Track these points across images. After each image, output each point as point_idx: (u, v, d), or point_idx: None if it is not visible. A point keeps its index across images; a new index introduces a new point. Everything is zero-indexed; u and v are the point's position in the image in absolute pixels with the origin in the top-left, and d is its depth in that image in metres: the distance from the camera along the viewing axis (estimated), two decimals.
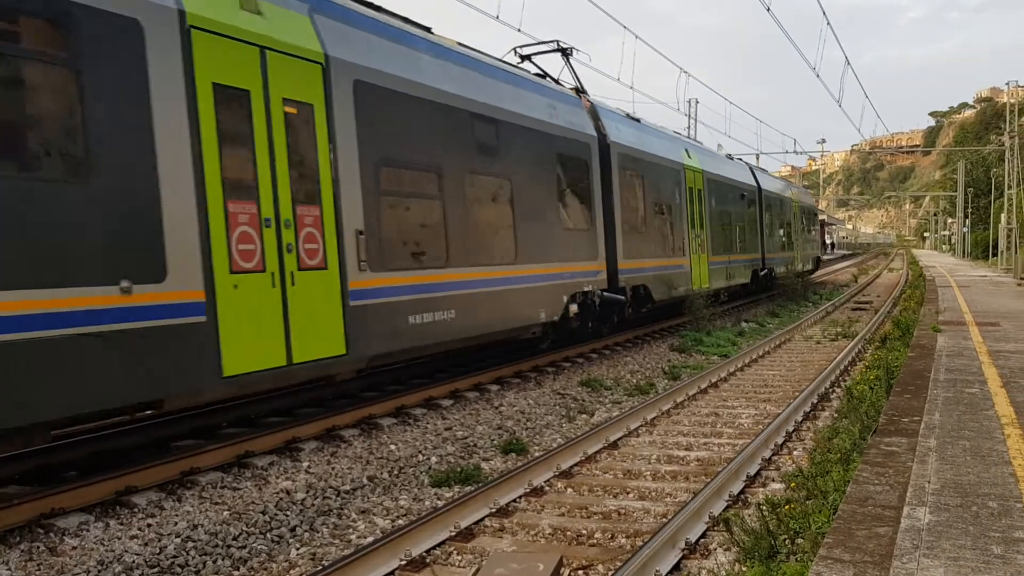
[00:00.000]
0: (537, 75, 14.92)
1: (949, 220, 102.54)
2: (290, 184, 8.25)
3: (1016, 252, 39.51)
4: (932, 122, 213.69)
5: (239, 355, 7.56)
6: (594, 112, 16.08)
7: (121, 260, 6.66)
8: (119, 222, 6.67)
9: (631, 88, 77.01)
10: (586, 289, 14.45)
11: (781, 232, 30.89)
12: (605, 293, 15.13)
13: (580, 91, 16.54)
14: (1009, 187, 44.00)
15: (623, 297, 15.71)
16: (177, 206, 7.11)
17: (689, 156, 20.78)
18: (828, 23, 23.04)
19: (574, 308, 14.05)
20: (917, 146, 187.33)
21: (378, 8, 10.59)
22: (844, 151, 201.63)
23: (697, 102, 45.24)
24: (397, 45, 10.30)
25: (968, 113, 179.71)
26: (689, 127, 49.92)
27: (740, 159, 29.67)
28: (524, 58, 16.57)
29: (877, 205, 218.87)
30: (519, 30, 19.25)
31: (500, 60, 13.80)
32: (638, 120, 18.84)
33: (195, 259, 7.23)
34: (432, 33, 11.71)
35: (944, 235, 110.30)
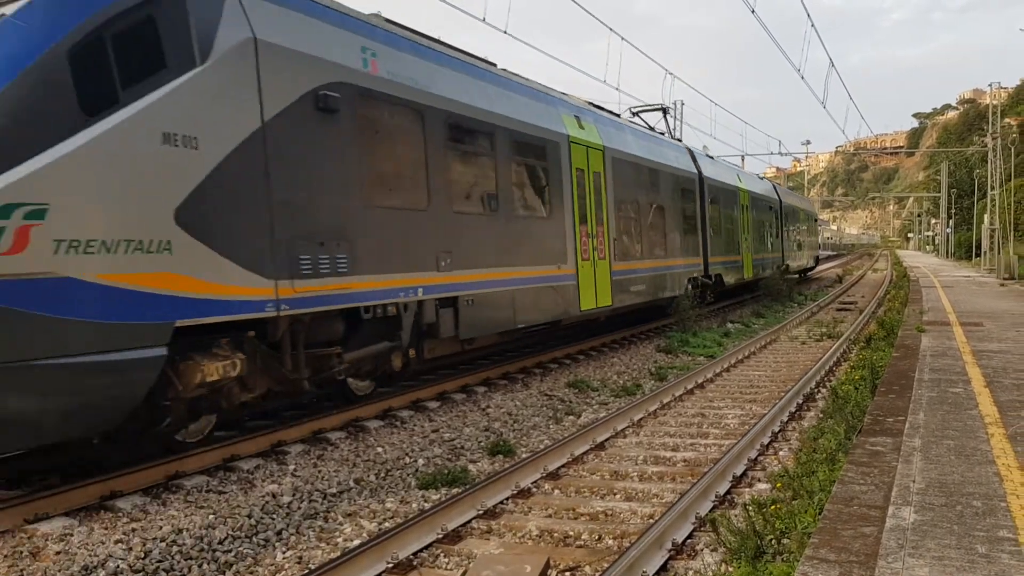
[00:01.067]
0: (651, 128, 21.92)
1: (933, 221, 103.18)
2: (596, 215, 15.48)
3: (999, 253, 39.78)
4: (916, 123, 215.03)
5: (584, 301, 14.72)
6: (692, 155, 22.96)
7: (554, 253, 13.83)
8: (554, 235, 13.89)
9: (617, 89, 77.14)
10: (694, 275, 21.42)
11: (794, 235, 37.75)
12: (702, 278, 21.99)
13: (678, 139, 24.32)
14: (992, 188, 44.26)
15: (711, 281, 22.60)
16: (568, 228, 14.35)
17: (740, 180, 28.03)
18: (812, 24, 23.14)
19: (689, 288, 20.67)
20: (901, 147, 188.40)
21: (599, 107, 18.08)
22: (829, 152, 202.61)
23: (683, 103, 45.42)
24: (619, 131, 17.77)
25: (951, 114, 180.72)
26: (675, 128, 50.04)
27: (765, 178, 37.20)
28: (635, 114, 23.46)
29: (861, 206, 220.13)
30: (505, 32, 19.27)
31: (652, 129, 21.96)
32: (712, 157, 26.28)
33: (573, 253, 14.41)
34: (620, 116, 19.28)
35: (928, 236, 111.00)
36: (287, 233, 8.27)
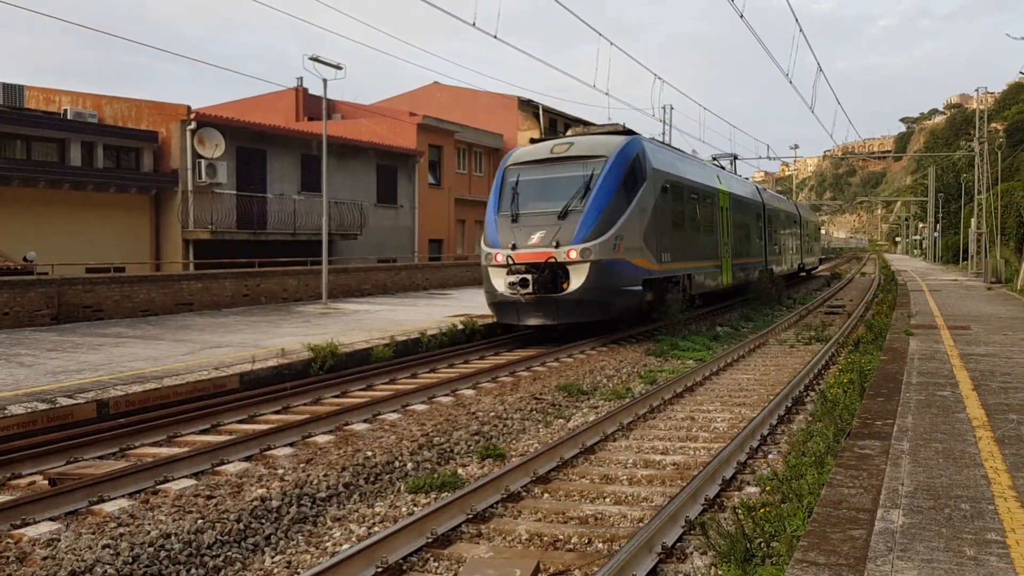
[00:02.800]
0: (712, 160, 31.94)
1: (920, 225, 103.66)
2: (725, 232, 24.88)
3: (986, 256, 39.99)
4: (903, 128, 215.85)
5: (723, 280, 24.42)
6: (757, 189, 33.11)
7: (716, 253, 23.96)
8: (715, 244, 23.69)
9: (607, 95, 77.29)
10: (760, 268, 30.63)
11: (808, 240, 48.25)
12: (764, 271, 31.10)
13: (747, 178, 35.50)
14: (979, 192, 44.47)
15: (768, 272, 32.06)
16: (719, 239, 24.08)
17: (780, 204, 38.53)
18: (800, 29, 23.24)
19: (757, 275, 29.80)
20: (888, 152, 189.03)
21: (720, 165, 29.99)
22: (817, 157, 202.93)
23: (672, 108, 45.60)
24: (730, 180, 27.45)
25: (938, 119, 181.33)
26: (664, 133, 50.08)
27: (790, 199, 52.44)
28: (715, 159, 31.28)
29: (849, 210, 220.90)
30: (495, 36, 19.27)
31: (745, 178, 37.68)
32: (766, 189, 37.25)
33: (720, 253, 24.11)
34: (724, 168, 30.29)
35: (915, 239, 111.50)
36: (660, 244, 18.55)
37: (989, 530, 4.69)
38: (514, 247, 16.69)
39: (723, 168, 29.33)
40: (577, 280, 16.23)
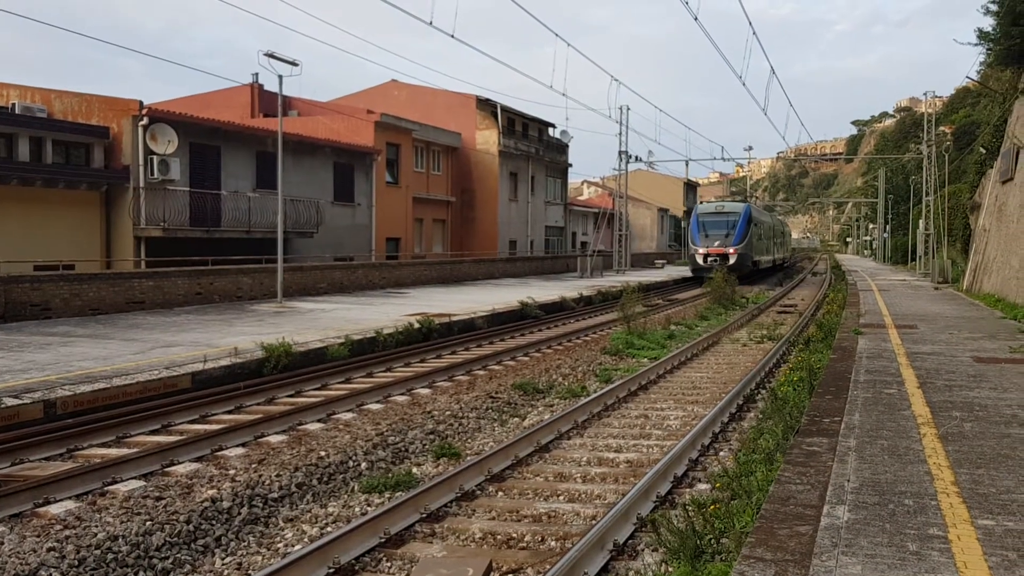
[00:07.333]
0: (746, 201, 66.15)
1: (870, 226, 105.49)
2: (766, 241, 51.00)
3: (933, 257, 40.86)
4: (854, 130, 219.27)
5: (766, 264, 51.43)
6: (770, 213, 63.30)
7: (764, 251, 49.77)
8: (765, 247, 51.06)
9: (564, 95, 77.48)
10: (774, 260, 55.34)
11: (786, 244, 68.71)
12: (777, 262, 57.72)
13: (764, 208, 79.90)
14: (927, 194, 45.42)
15: (779, 263, 60.09)
16: (764, 245, 49.88)
17: (776, 222, 60.50)
18: (754, 32, 23.55)
19: (773, 263, 55.39)
20: (840, 154, 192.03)
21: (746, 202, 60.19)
22: (771, 158, 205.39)
23: (628, 109, 46.13)
24: (763, 213, 57.06)
25: (888, 122, 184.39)
26: (621, 133, 50.46)
27: (780, 216, 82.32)
28: (733, 194, 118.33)
29: (802, 211, 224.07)
30: (452, 36, 19.26)
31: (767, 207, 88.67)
32: (772, 213, 71.73)
33: (764, 251, 50.36)
34: (753, 202, 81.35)
35: (866, 240, 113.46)
36: (756, 248, 44.88)
37: (931, 525, 4.79)
38: (707, 247, 41.25)
39: (757, 206, 57.86)
40: (732, 260, 39.61)
